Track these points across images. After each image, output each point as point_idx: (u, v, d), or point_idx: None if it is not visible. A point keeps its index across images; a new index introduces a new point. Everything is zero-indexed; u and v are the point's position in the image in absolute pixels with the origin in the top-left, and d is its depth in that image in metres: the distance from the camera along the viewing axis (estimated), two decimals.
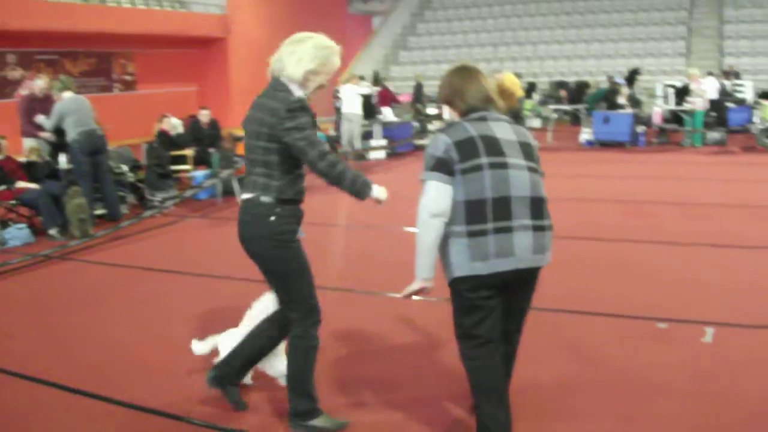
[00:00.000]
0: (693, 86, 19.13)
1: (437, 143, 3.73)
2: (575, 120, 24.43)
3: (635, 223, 10.17)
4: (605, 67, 29.15)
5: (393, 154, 19.11)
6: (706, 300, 6.79)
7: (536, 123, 24.76)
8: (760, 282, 7.35)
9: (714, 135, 19.19)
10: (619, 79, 22.77)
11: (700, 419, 4.48)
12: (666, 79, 25.78)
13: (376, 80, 28.66)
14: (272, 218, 4.05)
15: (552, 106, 25.32)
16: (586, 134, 20.24)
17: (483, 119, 3.82)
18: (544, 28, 33.27)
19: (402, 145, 19.64)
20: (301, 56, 4.04)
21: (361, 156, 18.16)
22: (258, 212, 4.08)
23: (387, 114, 20.18)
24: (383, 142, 18.91)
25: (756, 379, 5.00)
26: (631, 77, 24.52)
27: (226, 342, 4.85)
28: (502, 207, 3.63)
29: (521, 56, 31.80)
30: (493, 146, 3.69)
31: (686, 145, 19.35)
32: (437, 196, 3.66)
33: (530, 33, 33.26)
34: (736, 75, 25.79)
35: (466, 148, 3.66)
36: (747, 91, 24.21)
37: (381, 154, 18.76)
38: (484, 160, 3.64)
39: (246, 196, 4.19)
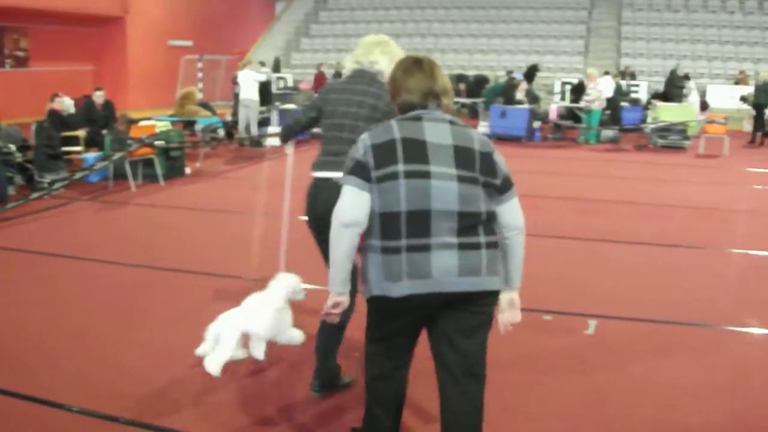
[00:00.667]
0: (590, 85, 19.36)
1: (358, 144, 3.29)
2: (473, 113, 24.47)
3: (527, 217, 10.06)
4: (505, 62, 29.35)
5: None
6: (591, 293, 6.90)
7: None
8: (643, 276, 7.59)
9: (608, 133, 19.47)
10: (518, 75, 22.87)
11: (582, 409, 4.58)
12: (564, 76, 26.16)
13: (277, 67, 28.19)
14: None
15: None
16: (483, 128, 20.22)
17: (417, 119, 3.30)
18: (447, 21, 33.26)
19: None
20: (393, 57, 4.40)
21: (257, 143, 17.71)
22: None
23: None
24: (279, 129, 18.48)
25: (635, 370, 5.15)
26: (530, 73, 24.66)
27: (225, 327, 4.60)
28: (419, 222, 3.13)
29: (423, 48, 31.62)
30: (416, 152, 3.19)
31: (581, 142, 19.58)
32: (351, 204, 3.21)
33: (432, 25, 33.19)
34: (632, 75, 26.29)
35: (383, 152, 3.20)
36: (641, 91, 24.71)
37: (277, 141, 18.32)
38: (400, 167, 3.16)
39: (326, 173, 4.51)
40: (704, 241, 9.27)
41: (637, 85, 25.16)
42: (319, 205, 4.41)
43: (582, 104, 19.51)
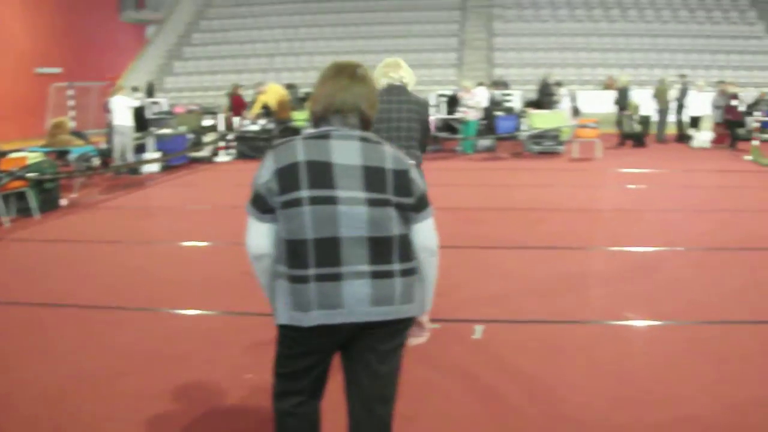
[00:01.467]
0: (466, 96, 19.65)
1: (263, 168, 3.05)
2: None
3: None
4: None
5: (168, 167, 18.29)
6: (477, 299, 6.93)
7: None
8: (526, 279, 7.66)
9: (485, 142, 19.79)
10: None
11: (475, 411, 4.61)
12: (439, 89, 26.44)
13: (151, 91, 27.59)
14: (419, 173, 4.66)
15: None
16: None
17: (325, 137, 3.04)
18: (320, 39, 33.26)
19: (176, 157, 18.84)
20: (411, 75, 5.93)
21: (134, 170, 17.22)
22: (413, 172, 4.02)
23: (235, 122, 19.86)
24: (157, 154, 18.07)
25: (524, 369, 5.22)
26: None
27: None
28: (328, 250, 2.95)
29: (297, 67, 31.59)
30: (321, 176, 2.96)
31: (460, 152, 19.83)
32: (254, 236, 3.09)
33: (306, 44, 33.14)
34: (505, 85, 26.82)
35: (287, 177, 2.97)
36: (515, 100, 25.22)
37: (155, 167, 17.89)
38: (304, 193, 2.94)
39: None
40: (583, 241, 9.45)
41: (510, 95, 25.65)
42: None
43: (458, 115, 19.77)
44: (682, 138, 23.01)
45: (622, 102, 21.66)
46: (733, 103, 21.24)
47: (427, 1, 35.01)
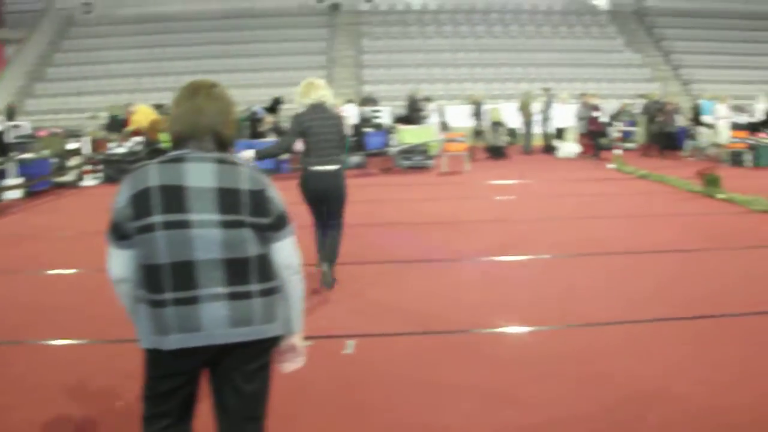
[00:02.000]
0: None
1: (119, 194, 3.02)
2: None
3: None
4: (250, 96, 29.00)
5: (31, 193, 17.32)
6: (348, 314, 6.96)
7: None
8: (398, 293, 7.67)
9: (354, 159, 19.66)
10: (259, 110, 22.68)
11: (348, 426, 4.65)
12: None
13: (11, 114, 26.31)
14: (344, 175, 7.58)
15: None
16: None
17: (180, 160, 3.03)
18: (190, 58, 32.49)
19: (40, 183, 17.89)
20: (330, 93, 7.46)
21: None
22: (342, 173, 7.52)
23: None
24: (19, 180, 17.13)
25: (396, 380, 5.26)
26: (274, 106, 24.58)
27: None
28: (183, 274, 2.93)
29: (165, 87, 30.59)
30: (175, 200, 2.94)
31: None
32: (113, 263, 3.08)
33: (174, 63, 32.29)
34: (374, 102, 26.84)
35: (140, 202, 2.95)
36: (385, 116, 25.27)
37: (17, 194, 16.92)
38: (157, 218, 2.93)
39: (332, 167, 7.36)
40: (455, 253, 9.42)
41: (380, 111, 25.69)
42: (321, 186, 7.42)
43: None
44: (548, 149, 23.51)
45: (477, 116, 22.05)
46: (595, 114, 21.84)
47: (296, 19, 34.85)
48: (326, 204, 7.59)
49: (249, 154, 9.70)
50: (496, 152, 21.20)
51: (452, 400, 4.89)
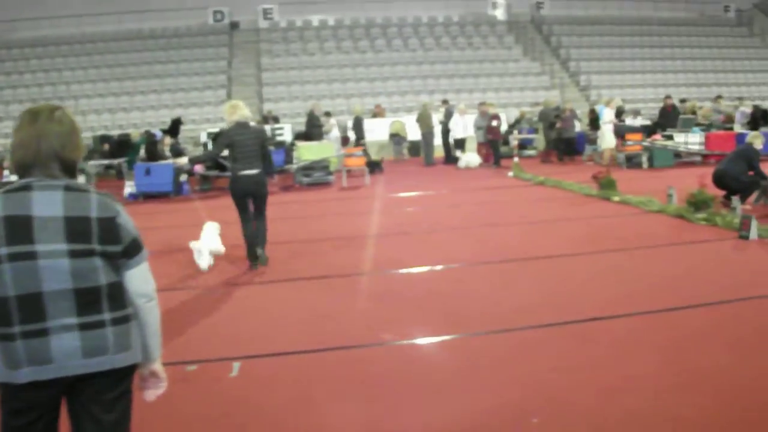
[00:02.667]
0: None
1: None
2: (120, 174, 23.40)
3: (167, 273, 9.57)
4: (149, 118, 28.56)
5: None
6: (236, 336, 6.81)
7: (81, 179, 23.29)
8: (285, 311, 7.56)
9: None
10: (157, 132, 22.22)
11: None
12: (210, 127, 25.89)
13: None
14: (265, 177, 9.36)
15: (95, 162, 23.97)
16: (129, 187, 19.36)
17: (26, 188, 2.91)
18: (86, 82, 31.64)
19: None
20: (248, 111, 9.49)
21: None
22: (263, 176, 9.29)
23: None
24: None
25: (279, 402, 5.19)
26: (174, 127, 24.14)
27: (202, 251, 9.52)
28: (31, 306, 2.83)
29: None
30: (20, 231, 2.84)
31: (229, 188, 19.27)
32: None
33: (71, 87, 31.37)
34: (275, 119, 26.61)
35: None
36: (286, 133, 25.07)
37: None
38: (2, 250, 2.82)
39: (255, 171, 9.11)
40: (349, 268, 9.33)
41: (281, 128, 25.47)
42: (250, 187, 9.19)
43: (225, 152, 19.24)
44: (450, 160, 23.62)
45: (358, 131, 22.10)
46: (494, 123, 22.03)
47: (195, 38, 34.37)
48: (253, 200, 9.36)
49: (183, 160, 11.69)
50: (373, 166, 21.07)
51: (335, 414, 4.87)
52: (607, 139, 20.88)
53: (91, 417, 3.01)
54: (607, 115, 20.95)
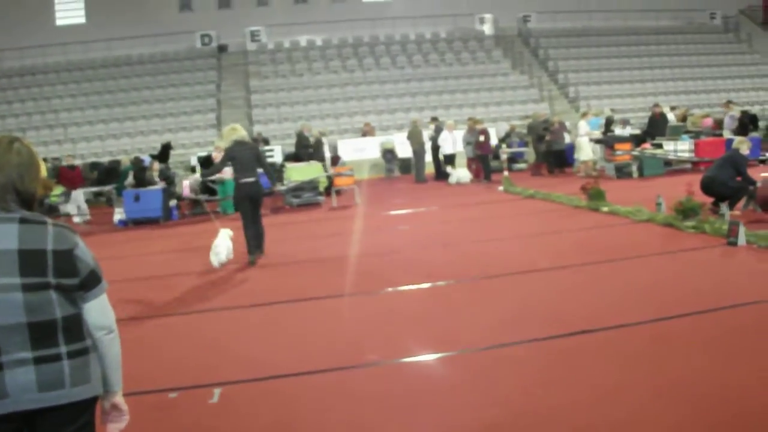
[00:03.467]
0: (218, 156, 19.13)
1: None
2: (110, 201, 23.34)
3: (154, 298, 9.54)
4: (140, 144, 28.56)
5: None
6: (217, 361, 6.73)
7: (83, 205, 23.20)
8: (271, 335, 7.54)
9: None
10: (145, 158, 22.18)
11: None
12: (200, 150, 25.91)
13: None
14: (260, 184, 11.39)
15: (85, 189, 23.89)
16: (118, 214, 19.31)
17: None
18: (75, 109, 31.70)
19: None
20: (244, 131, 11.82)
21: None
22: (259, 183, 11.27)
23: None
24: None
25: (259, 426, 5.16)
26: (164, 152, 24.10)
27: (220, 249, 10.92)
28: None
29: (52, 140, 29.87)
30: None
31: (221, 213, 19.24)
32: None
33: (60, 115, 31.45)
34: (266, 141, 26.60)
35: None
36: (276, 155, 25.06)
37: None
38: None
39: (252, 178, 11.16)
40: (335, 289, 9.22)
41: (272, 150, 25.46)
42: (249, 192, 11.18)
43: (217, 177, 19.21)
44: (440, 176, 23.60)
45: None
46: (482, 138, 22.02)
47: (183, 63, 34.48)
48: (250, 202, 11.28)
49: (196, 176, 14.16)
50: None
51: None
52: (584, 151, 20.93)
53: None
54: (583, 128, 21.01)
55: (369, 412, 5.17)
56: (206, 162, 19.82)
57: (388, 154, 27.25)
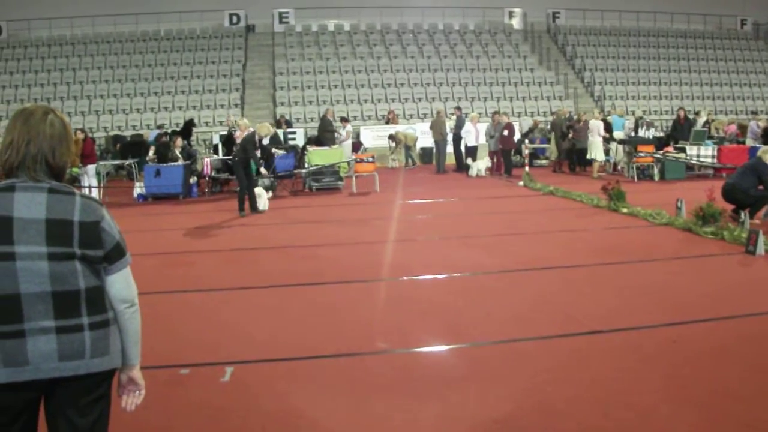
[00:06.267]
0: (240, 136, 19.19)
1: None
2: (131, 175, 23.45)
3: (170, 275, 9.59)
4: (162, 120, 28.62)
5: None
6: (229, 340, 6.76)
7: (93, 180, 23.32)
8: (279, 317, 7.52)
9: (264, 181, 19.34)
10: (152, 132, 22.25)
11: None
12: (222, 130, 25.93)
13: None
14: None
15: (106, 162, 24.01)
16: (138, 188, 19.41)
17: (10, 189, 2.89)
18: (100, 82, 31.82)
19: None
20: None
21: None
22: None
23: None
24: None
25: (269, 407, 5.17)
26: (187, 129, 24.15)
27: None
28: (9, 307, 2.82)
29: (77, 111, 30.03)
30: (0, 231, 2.83)
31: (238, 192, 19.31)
32: None
33: (86, 87, 31.58)
34: (288, 123, 26.63)
35: None
36: (299, 138, 25.10)
37: None
38: None
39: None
40: (348, 275, 9.27)
41: (294, 132, 25.51)
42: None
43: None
44: (461, 167, 23.57)
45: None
46: (506, 133, 21.96)
47: (210, 41, 34.54)
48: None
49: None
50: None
51: (322, 424, 4.82)
52: (595, 151, 20.84)
53: (67, 420, 2.98)
54: (596, 128, 20.89)
55: (377, 400, 5.18)
56: (228, 141, 19.85)
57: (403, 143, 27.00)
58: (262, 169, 16.23)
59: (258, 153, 15.37)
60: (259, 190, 15.66)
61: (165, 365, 5.95)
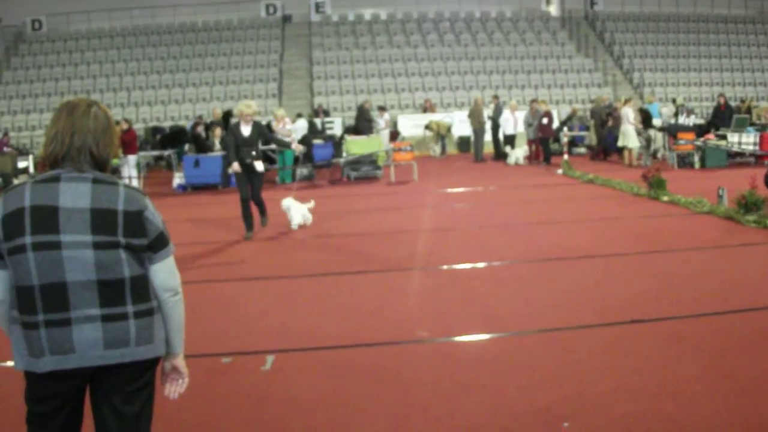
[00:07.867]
0: (279, 125, 19.28)
1: None
2: (170, 166, 23.68)
3: (209, 262, 9.78)
4: (201, 110, 28.78)
5: None
6: (270, 330, 6.85)
7: (134, 171, 23.59)
8: (320, 306, 7.57)
9: (303, 171, 19.46)
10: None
11: None
12: (261, 120, 26.04)
13: None
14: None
15: (145, 153, 24.25)
16: (178, 179, 19.61)
17: (55, 179, 2.95)
18: (139, 74, 32.12)
19: None
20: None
21: None
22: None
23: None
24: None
25: (311, 397, 5.17)
26: (225, 119, 24.34)
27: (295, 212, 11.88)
28: (55, 296, 2.87)
29: (116, 103, 30.32)
30: (46, 220, 2.88)
31: (279, 182, 19.43)
32: None
33: (125, 79, 31.90)
34: (326, 113, 26.71)
35: (12, 223, 2.89)
36: (336, 127, 25.15)
37: None
38: (27, 239, 2.86)
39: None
40: (389, 263, 9.31)
41: (332, 122, 25.57)
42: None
43: (273, 145, 19.37)
44: (499, 156, 23.48)
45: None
46: (545, 121, 21.83)
47: (247, 32, 34.67)
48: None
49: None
50: None
51: (362, 416, 4.81)
52: (630, 139, 20.56)
53: (112, 408, 3.03)
54: (629, 115, 20.58)
55: (417, 390, 5.18)
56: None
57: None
58: (296, 150, 14.67)
59: (259, 146, 11.47)
60: (288, 201, 11.85)
61: (207, 354, 6.01)
